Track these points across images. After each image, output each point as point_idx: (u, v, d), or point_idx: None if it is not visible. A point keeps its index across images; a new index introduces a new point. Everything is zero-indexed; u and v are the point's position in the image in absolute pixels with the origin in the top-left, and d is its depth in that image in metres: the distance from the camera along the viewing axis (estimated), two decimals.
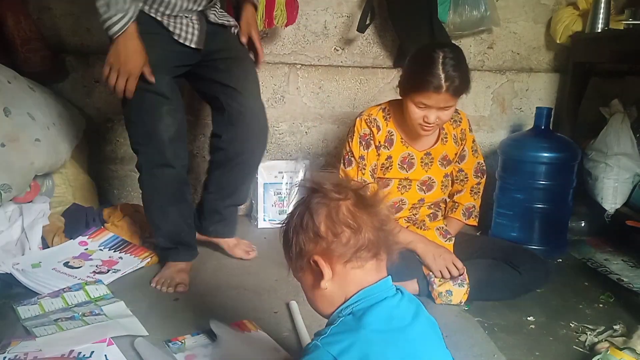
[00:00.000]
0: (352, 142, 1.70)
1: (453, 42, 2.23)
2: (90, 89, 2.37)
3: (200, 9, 1.62)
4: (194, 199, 1.95)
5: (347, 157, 1.72)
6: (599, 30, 2.13)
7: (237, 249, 1.89)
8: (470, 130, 1.80)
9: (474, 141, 1.82)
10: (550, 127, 2.14)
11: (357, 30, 2.21)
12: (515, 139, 2.21)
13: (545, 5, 2.38)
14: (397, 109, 1.68)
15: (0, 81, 1.86)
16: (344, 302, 0.84)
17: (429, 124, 1.57)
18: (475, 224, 1.85)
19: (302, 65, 2.38)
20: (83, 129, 2.21)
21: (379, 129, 1.70)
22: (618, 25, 2.05)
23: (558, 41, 2.31)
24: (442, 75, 1.49)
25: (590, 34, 2.16)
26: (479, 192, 1.85)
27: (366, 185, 0.89)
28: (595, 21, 2.14)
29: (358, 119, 1.72)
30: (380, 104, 1.76)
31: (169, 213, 1.68)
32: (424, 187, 1.73)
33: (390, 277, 0.86)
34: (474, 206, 1.83)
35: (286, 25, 2.15)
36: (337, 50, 2.38)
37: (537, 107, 2.14)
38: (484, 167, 1.85)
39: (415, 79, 1.56)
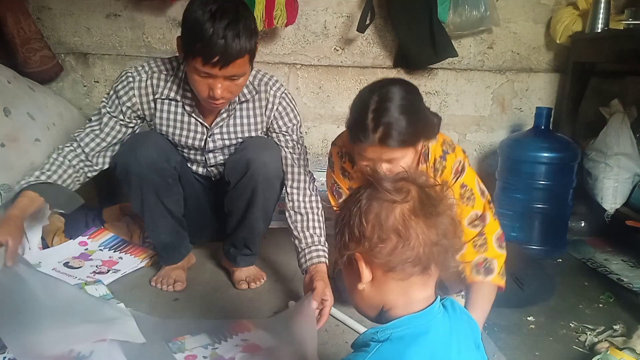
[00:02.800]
0: (334, 173, 1.54)
1: (453, 42, 2.23)
2: (90, 89, 2.38)
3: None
4: None
5: (334, 188, 1.55)
6: (599, 30, 2.13)
7: (240, 282, 1.70)
8: (460, 174, 1.39)
9: (463, 186, 1.39)
10: (550, 127, 2.14)
11: (357, 30, 2.21)
12: (515, 139, 2.21)
13: (545, 5, 2.38)
14: None
15: (0, 81, 1.86)
16: (382, 314, 0.77)
17: None
18: (502, 283, 1.33)
19: (302, 65, 2.39)
20: None
21: (352, 163, 1.49)
22: (618, 25, 2.05)
23: (558, 41, 2.31)
24: (371, 126, 1.21)
25: (590, 34, 2.16)
26: (485, 244, 1.34)
27: (435, 186, 0.77)
28: (595, 21, 2.14)
29: (333, 147, 1.54)
30: None
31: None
32: None
33: (437, 300, 0.77)
34: (485, 259, 1.32)
35: (286, 25, 2.15)
36: (337, 50, 2.38)
37: (537, 107, 2.14)
38: (482, 214, 1.38)
39: (350, 129, 1.31)
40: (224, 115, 1.57)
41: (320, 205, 1.59)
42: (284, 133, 1.59)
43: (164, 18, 2.31)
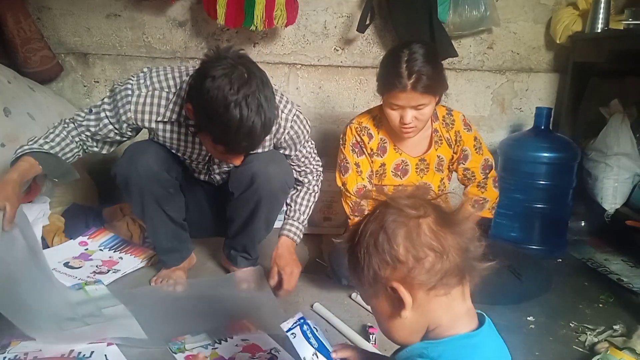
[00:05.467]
0: (344, 149, 1.70)
1: (453, 42, 2.23)
2: (90, 89, 2.37)
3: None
4: None
5: (342, 164, 1.70)
6: (599, 30, 2.13)
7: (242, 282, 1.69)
8: (469, 129, 1.73)
9: (475, 139, 1.74)
10: (550, 127, 2.14)
11: (357, 30, 2.21)
12: (515, 139, 2.21)
13: (545, 5, 2.38)
14: None
15: (0, 81, 1.86)
16: (427, 335, 0.74)
17: (406, 124, 1.55)
18: (491, 216, 1.78)
19: (302, 65, 2.38)
20: None
21: (370, 137, 1.69)
22: (618, 25, 2.05)
23: (558, 41, 2.31)
24: (405, 74, 1.48)
25: (590, 34, 2.16)
26: (485, 185, 1.76)
27: (441, 195, 0.77)
28: (595, 21, 2.14)
29: (348, 127, 1.71)
30: (371, 110, 1.75)
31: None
32: None
33: (486, 319, 0.76)
34: (483, 199, 1.76)
35: (286, 25, 2.15)
36: (337, 50, 2.38)
37: (537, 107, 2.14)
38: (491, 163, 1.78)
39: (383, 80, 1.56)
40: None
41: (313, 199, 1.69)
42: (293, 157, 1.63)
43: (164, 18, 2.31)
